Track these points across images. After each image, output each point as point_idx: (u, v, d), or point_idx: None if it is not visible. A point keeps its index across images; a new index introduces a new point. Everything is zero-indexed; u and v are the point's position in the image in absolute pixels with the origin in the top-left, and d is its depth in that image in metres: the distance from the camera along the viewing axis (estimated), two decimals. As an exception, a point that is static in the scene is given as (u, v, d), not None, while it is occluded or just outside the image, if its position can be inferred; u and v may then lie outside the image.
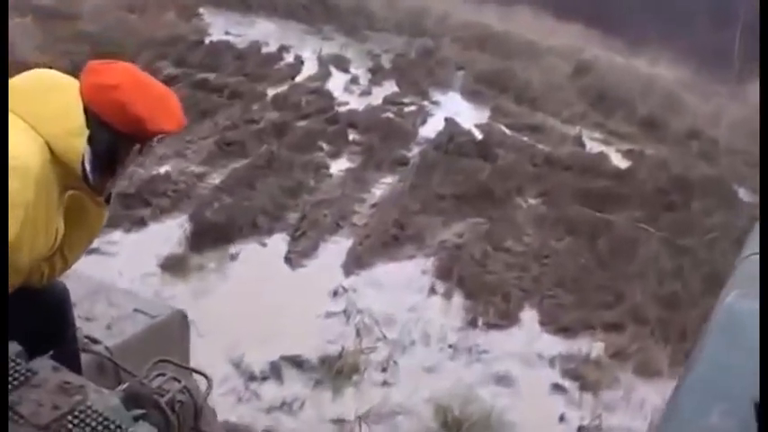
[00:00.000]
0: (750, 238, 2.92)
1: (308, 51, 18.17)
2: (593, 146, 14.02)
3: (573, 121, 15.30)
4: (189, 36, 17.71)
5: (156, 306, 4.02)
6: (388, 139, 12.77)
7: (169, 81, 13.73)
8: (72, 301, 3.17)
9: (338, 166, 11.53)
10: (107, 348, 3.44)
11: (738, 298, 2.50)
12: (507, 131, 14.17)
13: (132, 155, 2.64)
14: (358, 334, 7.49)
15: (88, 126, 2.51)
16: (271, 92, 14.64)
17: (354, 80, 16.58)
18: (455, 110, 15.28)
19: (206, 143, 11.47)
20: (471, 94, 16.60)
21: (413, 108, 15.10)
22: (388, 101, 15.22)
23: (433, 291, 8.42)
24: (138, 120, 2.50)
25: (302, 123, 13.05)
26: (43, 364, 2.43)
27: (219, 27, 19.61)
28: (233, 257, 8.64)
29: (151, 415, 2.46)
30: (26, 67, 2.84)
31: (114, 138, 2.55)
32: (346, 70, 17.19)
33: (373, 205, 10.30)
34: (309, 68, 16.95)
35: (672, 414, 2.30)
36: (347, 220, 9.77)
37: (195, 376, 3.04)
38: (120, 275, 7.47)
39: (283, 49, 18.03)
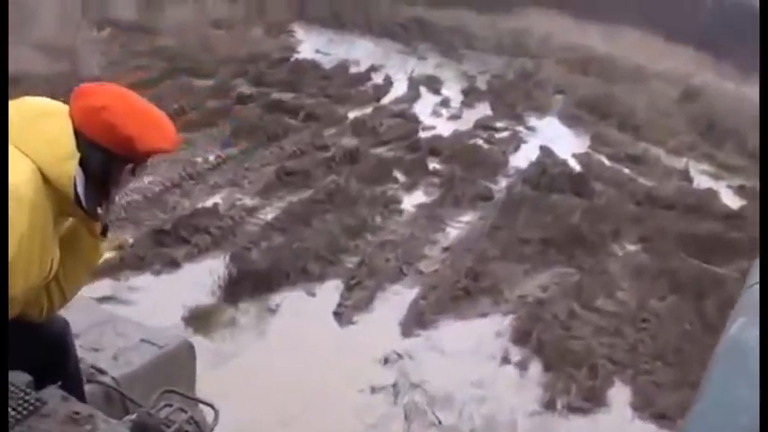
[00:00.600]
0: (754, 265, 2.82)
1: (399, 71, 16.98)
2: (701, 180, 12.34)
3: (679, 152, 13.60)
4: (273, 54, 16.68)
5: (163, 336, 3.92)
6: (473, 168, 11.35)
7: (241, 101, 12.63)
8: (77, 332, 3.16)
9: (411, 200, 10.11)
10: (114, 379, 3.37)
11: (743, 327, 2.46)
12: (607, 162, 12.61)
13: (125, 175, 2.60)
14: (407, 417, 6.10)
15: (80, 149, 2.47)
16: (351, 115, 13.26)
17: (445, 102, 15.27)
18: (552, 137, 13.83)
19: (266, 171, 10.15)
20: (570, 120, 15.08)
21: (505, 134, 13.71)
22: (480, 125, 13.90)
23: (505, 359, 6.96)
24: (128, 139, 2.47)
25: (378, 150, 11.68)
26: (52, 394, 2.42)
27: (309, 45, 18.71)
28: (272, 310, 7.31)
29: None
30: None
31: (106, 159, 2.52)
32: (437, 92, 15.91)
33: (446, 248, 8.84)
34: (398, 90, 15.81)
35: None
36: (413, 267, 8.35)
37: (202, 407, 2.96)
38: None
39: (373, 69, 16.85)
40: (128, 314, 6.37)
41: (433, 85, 16.52)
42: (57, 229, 2.60)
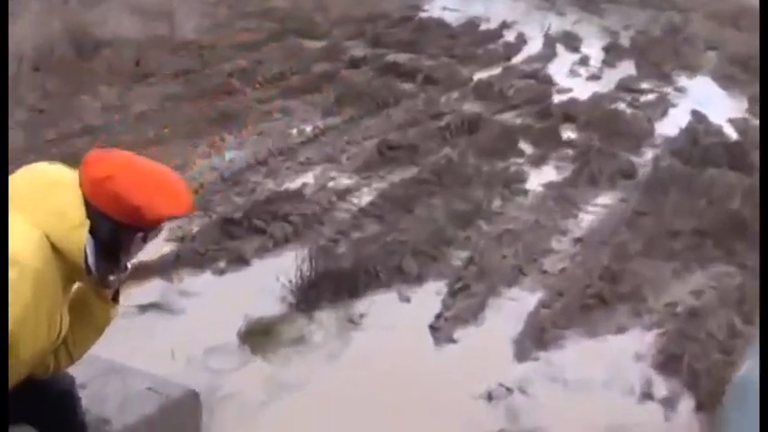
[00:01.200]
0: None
1: (533, 28, 15.25)
2: None
3: None
4: (394, 13, 15.05)
5: (169, 385, 3.84)
6: (614, 138, 9.61)
7: (352, 64, 11.18)
8: (82, 383, 3.15)
9: (539, 178, 8.43)
10: (119, 430, 3.32)
11: (751, 368, 2.52)
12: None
13: (136, 243, 2.51)
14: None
15: (89, 217, 2.41)
16: (476, 76, 11.61)
17: (583, 61, 13.50)
18: (704, 99, 11.87)
19: (368, 145, 8.61)
20: (724, 80, 13.07)
21: (651, 97, 11.87)
22: (622, 87, 12.19)
23: (647, 395, 5.23)
24: (135, 209, 2.39)
25: (504, 117, 10.00)
26: None
27: (437, 1, 17.01)
28: (354, 323, 5.78)
29: None
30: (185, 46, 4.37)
31: (115, 228, 2.44)
32: (576, 49, 14.16)
33: (577, 240, 7.16)
34: (532, 48, 14.14)
35: None
36: (535, 265, 6.69)
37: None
38: (171, 354, 5.13)
39: (505, 25, 15.23)
40: (172, 328, 5.10)
41: (571, 42, 14.89)
42: (66, 295, 2.52)
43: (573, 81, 12.50)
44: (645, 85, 12.57)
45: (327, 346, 5.54)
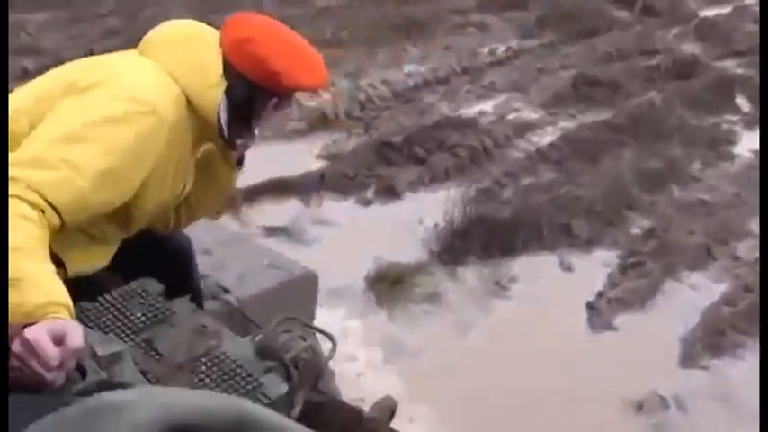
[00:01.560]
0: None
1: None
2: None
3: None
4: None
5: (289, 263, 3.79)
6: None
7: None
8: (206, 248, 3.40)
9: (751, 142, 7.23)
10: (237, 299, 3.36)
11: None
12: None
13: (269, 109, 2.45)
14: None
15: (226, 78, 2.36)
16: (703, 13, 10.33)
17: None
18: None
19: (563, 76, 7.65)
20: None
21: None
22: None
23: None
24: (274, 74, 2.34)
25: (724, 64, 8.77)
26: (182, 306, 2.40)
27: None
28: (502, 286, 4.98)
29: (279, 369, 2.31)
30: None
31: (251, 90, 2.39)
32: None
33: (783, 225, 5.99)
34: None
35: None
36: (727, 248, 5.65)
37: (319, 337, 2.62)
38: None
39: None
40: (295, 257, 4.50)
41: None
42: (194, 154, 2.50)
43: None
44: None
45: (463, 312, 4.80)
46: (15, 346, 1.76)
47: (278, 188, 5.32)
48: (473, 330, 4.71)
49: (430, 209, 5.48)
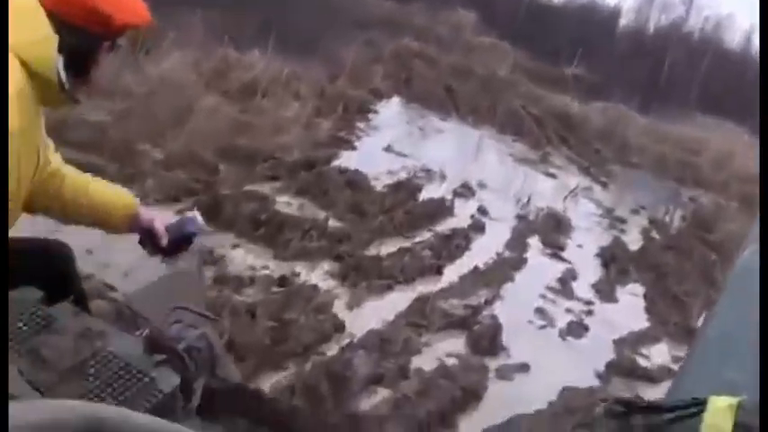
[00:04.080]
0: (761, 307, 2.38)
1: (505, 200, 13.06)
2: None
3: None
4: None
5: None
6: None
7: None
8: (89, 248, 3.33)
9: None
10: (124, 295, 3.38)
11: (753, 254, 2.44)
12: None
13: (103, 53, 2.46)
14: None
15: (55, 31, 2.31)
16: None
17: (563, 284, 10.10)
18: None
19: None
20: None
21: None
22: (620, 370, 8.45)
23: None
24: (107, 16, 2.38)
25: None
26: (64, 310, 2.34)
27: (372, 139, 14.75)
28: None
29: (170, 361, 2.27)
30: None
31: (84, 39, 2.39)
32: (556, 254, 11.30)
33: None
34: (487, 243, 10.73)
35: (690, 368, 2.34)
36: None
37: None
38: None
39: (462, 192, 12.85)
40: None
41: (553, 235, 12.21)
42: (40, 116, 2.46)
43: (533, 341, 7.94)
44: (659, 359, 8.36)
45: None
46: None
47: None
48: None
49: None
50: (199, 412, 2.43)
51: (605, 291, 9.85)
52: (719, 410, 1.96)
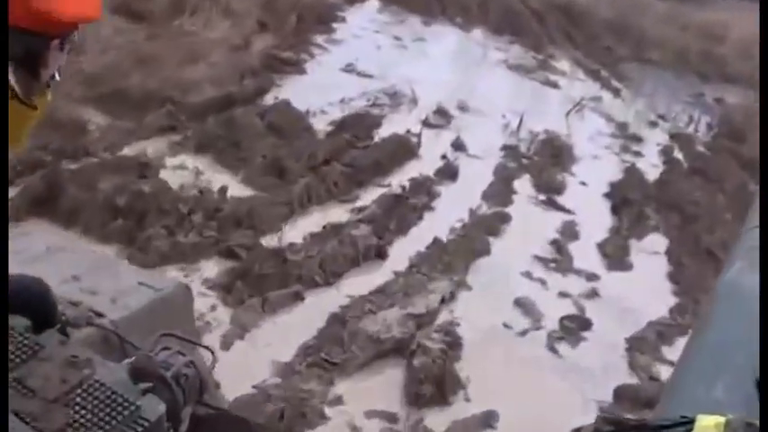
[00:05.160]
0: (752, 210, 2.85)
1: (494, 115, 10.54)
2: None
3: None
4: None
5: (160, 280, 3.82)
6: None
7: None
8: (76, 275, 3.34)
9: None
10: (112, 322, 3.25)
11: (741, 271, 2.50)
12: None
13: (53, 52, 2.31)
14: None
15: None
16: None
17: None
18: None
19: None
20: None
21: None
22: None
23: None
24: (46, 14, 2.20)
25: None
26: (50, 338, 2.41)
27: (333, 56, 11.72)
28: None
29: (157, 388, 2.34)
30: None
31: (27, 41, 2.24)
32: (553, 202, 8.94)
33: None
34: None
35: (677, 387, 2.37)
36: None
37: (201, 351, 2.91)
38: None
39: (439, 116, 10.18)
40: None
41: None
42: None
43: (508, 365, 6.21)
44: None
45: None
46: None
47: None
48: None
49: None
50: (185, 439, 2.75)
51: (615, 253, 7.42)
52: (707, 428, 1.91)
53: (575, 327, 6.11)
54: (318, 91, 9.76)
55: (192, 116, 7.85)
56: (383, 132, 9.04)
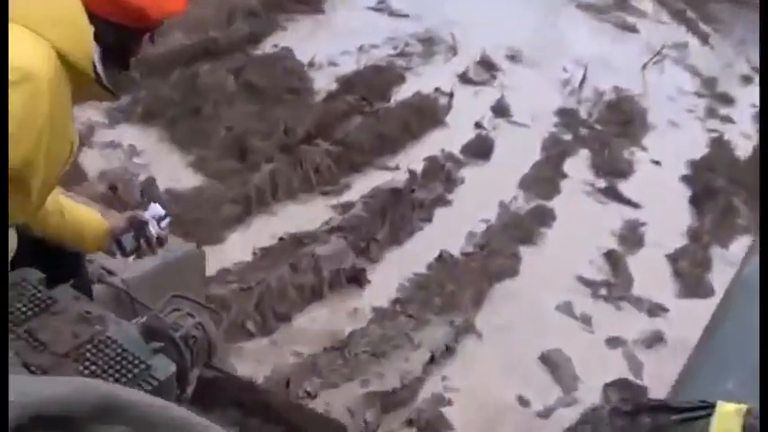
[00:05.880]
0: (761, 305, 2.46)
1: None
2: None
3: None
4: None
5: (174, 242, 3.59)
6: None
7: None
8: None
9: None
10: (124, 281, 3.26)
11: (758, 267, 2.41)
12: None
13: (144, 44, 2.37)
14: None
15: (92, 24, 2.25)
16: None
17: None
18: None
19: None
20: None
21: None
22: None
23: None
24: (139, 10, 2.24)
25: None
26: (64, 293, 2.35)
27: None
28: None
29: (166, 349, 2.28)
30: None
31: (121, 34, 2.27)
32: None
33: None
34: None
35: (690, 379, 2.27)
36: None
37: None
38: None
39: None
40: None
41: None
42: (72, 108, 2.37)
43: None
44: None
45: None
46: None
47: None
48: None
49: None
50: (192, 401, 2.41)
51: (692, 271, 5.30)
52: (728, 414, 1.93)
53: (625, 399, 4.31)
54: (333, 36, 7.92)
55: (149, 73, 6.17)
56: (404, 92, 7.27)
